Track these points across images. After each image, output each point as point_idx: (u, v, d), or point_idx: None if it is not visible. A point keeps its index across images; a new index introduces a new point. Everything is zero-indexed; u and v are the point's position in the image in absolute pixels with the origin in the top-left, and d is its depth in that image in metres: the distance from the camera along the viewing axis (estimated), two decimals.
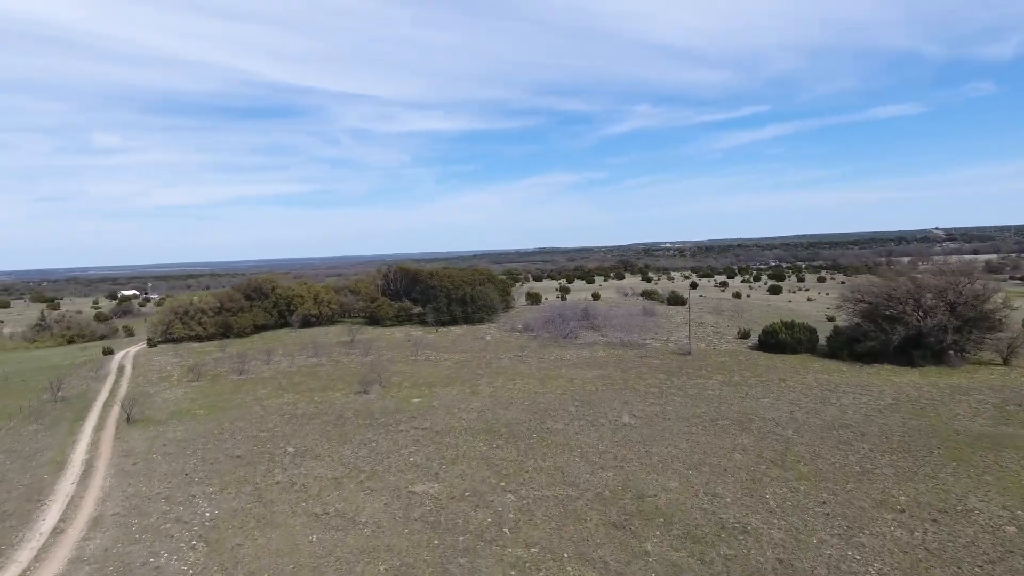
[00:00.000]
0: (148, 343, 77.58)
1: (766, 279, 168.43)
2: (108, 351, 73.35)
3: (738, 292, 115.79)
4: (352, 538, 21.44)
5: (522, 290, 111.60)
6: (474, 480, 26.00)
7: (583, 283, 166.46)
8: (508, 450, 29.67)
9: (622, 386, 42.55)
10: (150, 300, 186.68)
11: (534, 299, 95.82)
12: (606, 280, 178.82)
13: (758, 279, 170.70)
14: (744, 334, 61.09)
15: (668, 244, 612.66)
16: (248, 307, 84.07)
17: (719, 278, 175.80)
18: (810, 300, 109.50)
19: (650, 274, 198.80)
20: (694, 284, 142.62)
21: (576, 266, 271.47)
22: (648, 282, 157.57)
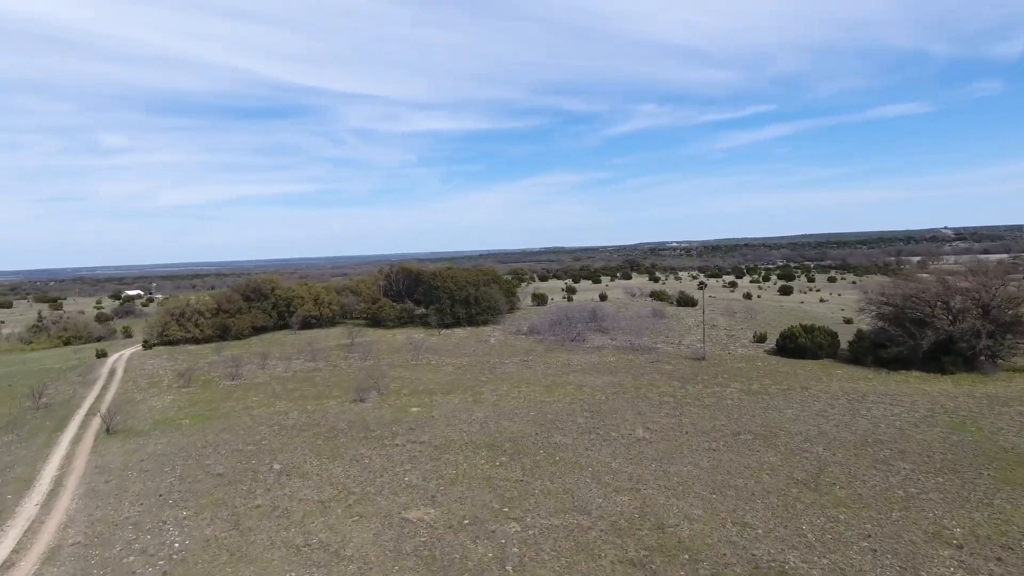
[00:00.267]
0: (143, 345, 75.49)
1: (775, 279, 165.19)
2: (101, 354, 71.25)
3: (748, 293, 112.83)
4: None
5: (527, 290, 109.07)
6: (474, 505, 23.50)
7: (589, 283, 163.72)
8: (512, 468, 27.18)
9: (634, 394, 39.97)
10: (153, 300, 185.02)
11: (540, 300, 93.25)
12: (613, 280, 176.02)
13: (767, 279, 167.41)
14: (760, 337, 58.40)
15: (674, 244, 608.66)
16: (246, 308, 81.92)
17: (727, 278, 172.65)
18: (823, 301, 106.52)
19: (657, 274, 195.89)
20: (702, 284, 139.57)
21: (582, 266, 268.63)
22: (655, 282, 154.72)
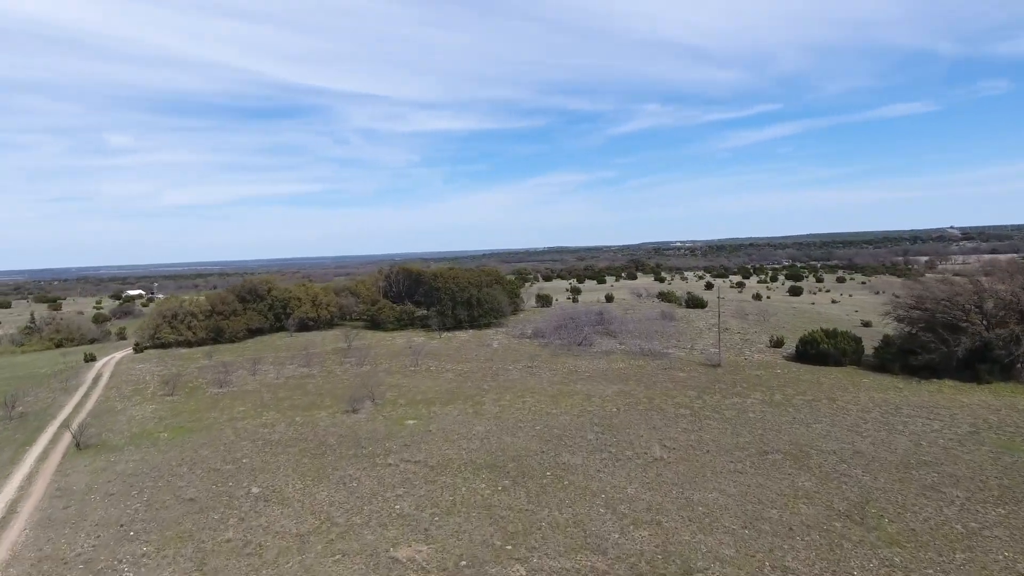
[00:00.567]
0: (134, 349, 72.96)
1: (783, 280, 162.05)
2: (90, 357, 68.63)
3: (758, 294, 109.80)
4: None
5: (531, 291, 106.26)
6: (472, 541, 20.71)
7: (594, 283, 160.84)
8: (516, 494, 24.38)
9: (647, 406, 37.12)
10: (154, 300, 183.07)
11: (544, 301, 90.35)
12: (618, 280, 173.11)
13: (775, 279, 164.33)
14: (777, 342, 55.36)
15: (678, 243, 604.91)
16: (241, 310, 79.23)
17: (734, 278, 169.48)
18: (834, 302, 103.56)
19: (663, 274, 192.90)
20: (709, 284, 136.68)
21: (586, 266, 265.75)
22: (661, 282, 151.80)
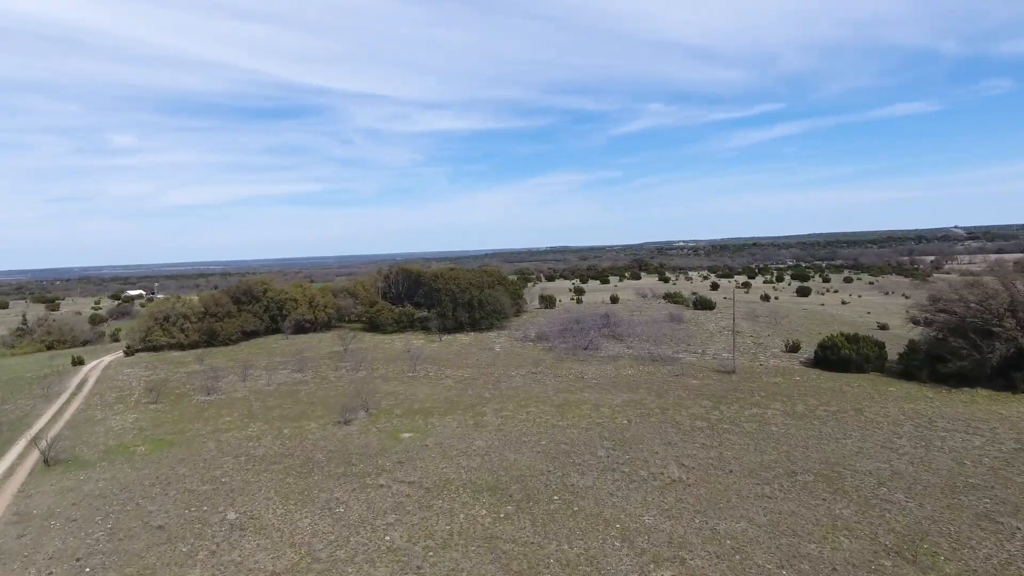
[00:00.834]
0: (125, 352, 70.68)
1: (789, 280, 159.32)
2: (78, 361, 66.32)
3: (766, 294, 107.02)
4: None
5: (534, 291, 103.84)
6: None
7: (598, 283, 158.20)
8: (520, 522, 21.88)
9: (660, 417, 34.60)
10: (154, 300, 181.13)
11: (548, 302, 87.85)
12: (622, 280, 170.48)
13: (781, 279, 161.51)
14: (792, 346, 52.79)
15: (681, 243, 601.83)
16: (236, 312, 76.95)
17: (740, 278, 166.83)
18: (844, 303, 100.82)
19: (667, 274, 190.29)
20: (715, 285, 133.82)
21: (589, 265, 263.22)
22: (666, 282, 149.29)
